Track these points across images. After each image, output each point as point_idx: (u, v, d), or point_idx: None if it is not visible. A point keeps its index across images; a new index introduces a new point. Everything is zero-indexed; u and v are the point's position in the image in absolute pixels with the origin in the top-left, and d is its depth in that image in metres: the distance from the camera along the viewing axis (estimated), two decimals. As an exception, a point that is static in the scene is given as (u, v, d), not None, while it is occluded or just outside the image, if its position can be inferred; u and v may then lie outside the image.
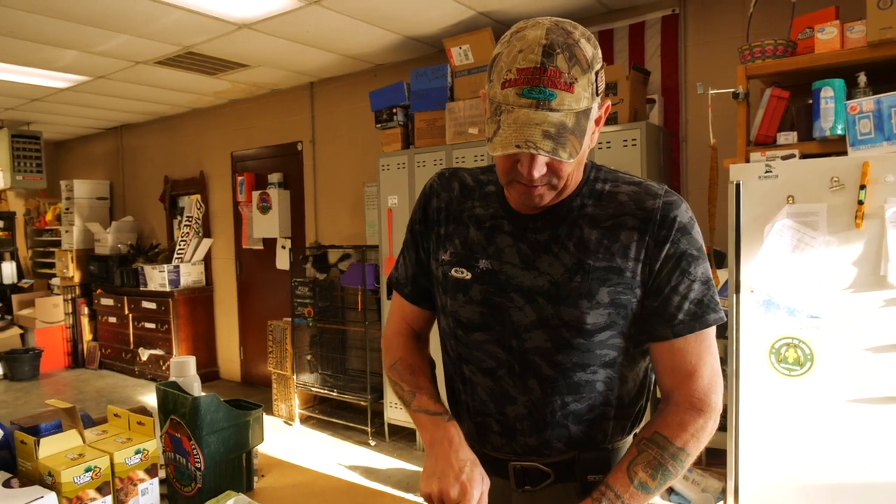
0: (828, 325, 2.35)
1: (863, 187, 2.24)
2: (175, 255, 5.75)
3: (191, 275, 5.77)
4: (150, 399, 5.24)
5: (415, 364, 1.13)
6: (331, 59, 4.29)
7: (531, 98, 0.83)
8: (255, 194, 5.22)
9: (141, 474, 1.06)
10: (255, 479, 1.27)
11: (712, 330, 0.98)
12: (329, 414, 4.53)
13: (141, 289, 5.84)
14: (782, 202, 2.42)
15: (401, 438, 4.14)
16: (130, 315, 5.97)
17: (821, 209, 2.35)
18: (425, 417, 1.04)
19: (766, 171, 2.44)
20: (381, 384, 4.17)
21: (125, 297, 5.98)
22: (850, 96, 2.36)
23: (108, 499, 1.02)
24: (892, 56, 2.28)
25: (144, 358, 5.81)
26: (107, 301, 6.21)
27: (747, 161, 2.55)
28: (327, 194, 4.97)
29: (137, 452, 1.06)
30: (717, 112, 2.66)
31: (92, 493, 1.00)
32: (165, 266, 5.64)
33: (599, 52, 0.88)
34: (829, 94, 2.33)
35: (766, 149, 2.53)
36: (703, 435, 0.96)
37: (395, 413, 4.07)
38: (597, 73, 0.87)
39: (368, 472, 3.63)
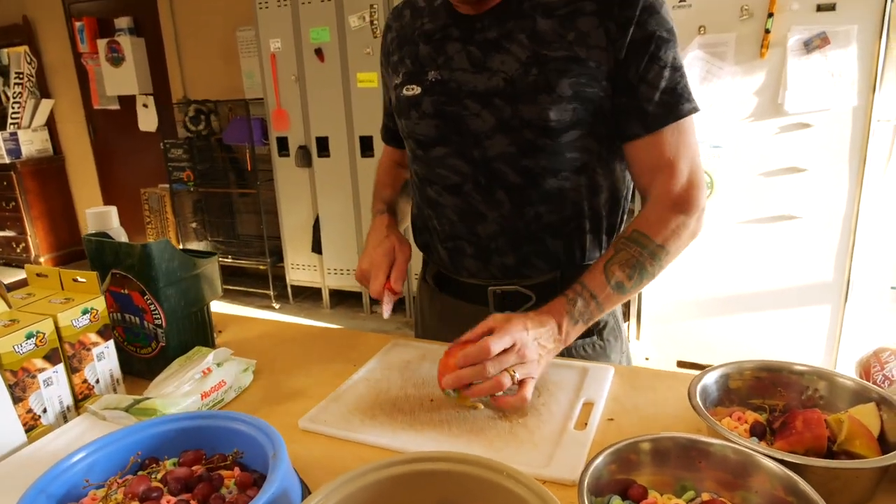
0: (728, 153, 2.50)
1: (770, 15, 2.29)
2: (9, 121, 4.91)
3: (33, 143, 4.99)
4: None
5: (382, 181, 1.17)
6: None
7: None
8: (102, 43, 4.47)
9: (94, 337, 0.90)
10: (215, 335, 1.15)
11: (689, 122, 0.89)
12: (225, 281, 4.32)
13: (-29, 162, 4.98)
14: (694, 33, 2.44)
15: (305, 299, 4.07)
16: (-37, 194, 5.13)
17: (730, 39, 2.40)
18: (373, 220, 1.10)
19: (681, 1, 2.42)
20: (279, 248, 3.99)
21: (-48, 173, 5.09)
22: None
23: (60, 367, 0.86)
24: None
25: (-9, 241, 5.11)
26: (-73, 179, 5.26)
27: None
28: (192, 41, 4.36)
29: (85, 313, 0.89)
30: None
31: (39, 362, 0.83)
32: (-1, 134, 4.81)
33: None
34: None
35: (679, -23, 2.49)
36: (684, 232, 0.89)
37: (298, 274, 3.96)
38: None
39: (279, 334, 3.57)
